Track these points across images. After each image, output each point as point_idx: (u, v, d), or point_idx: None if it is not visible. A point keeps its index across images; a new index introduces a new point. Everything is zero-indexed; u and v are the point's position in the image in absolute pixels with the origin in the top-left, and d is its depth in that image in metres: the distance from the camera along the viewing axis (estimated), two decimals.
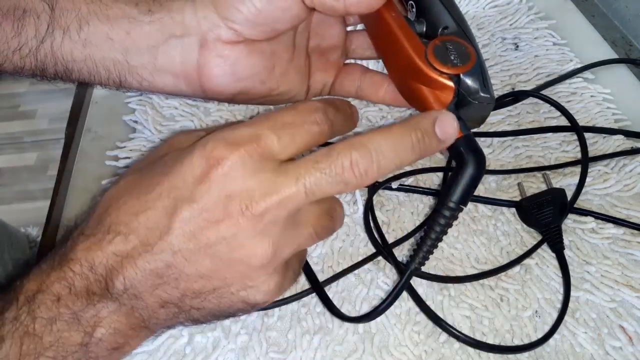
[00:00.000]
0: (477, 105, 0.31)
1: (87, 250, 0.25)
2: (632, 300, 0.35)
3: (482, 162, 0.29)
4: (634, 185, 0.41)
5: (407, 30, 0.33)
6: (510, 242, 0.39)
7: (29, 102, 1.72)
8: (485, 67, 0.32)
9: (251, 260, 0.25)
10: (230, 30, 0.33)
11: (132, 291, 0.25)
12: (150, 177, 0.26)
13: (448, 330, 0.34)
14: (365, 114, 0.47)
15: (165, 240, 0.25)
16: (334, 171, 0.24)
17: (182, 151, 0.27)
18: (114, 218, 0.25)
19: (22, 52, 0.33)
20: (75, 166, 0.46)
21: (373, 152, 0.24)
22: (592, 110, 0.46)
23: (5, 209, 1.47)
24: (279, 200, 0.24)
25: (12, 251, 0.67)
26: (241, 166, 0.24)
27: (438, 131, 0.26)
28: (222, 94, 0.35)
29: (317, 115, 0.26)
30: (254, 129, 0.25)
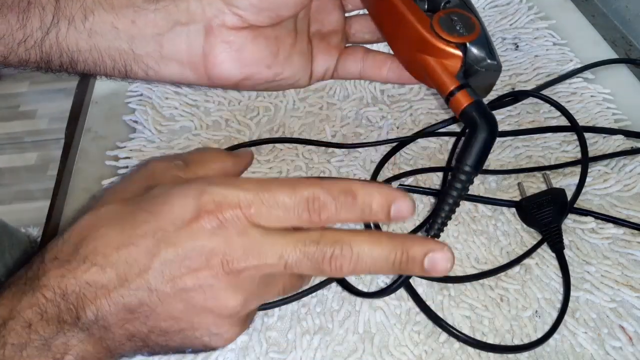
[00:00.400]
0: (484, 73, 0.32)
1: (60, 277, 0.25)
2: (632, 300, 0.35)
3: (494, 126, 0.30)
4: (634, 185, 0.41)
5: (411, 5, 0.33)
6: (510, 242, 0.39)
7: (29, 102, 1.72)
8: (489, 37, 0.32)
9: (222, 311, 0.26)
10: (235, 16, 0.33)
11: (102, 323, 0.25)
12: (136, 212, 0.26)
13: (448, 330, 0.34)
14: (365, 113, 0.47)
15: (143, 278, 0.25)
16: (316, 258, 0.25)
17: (172, 189, 0.26)
18: (92, 248, 0.25)
19: (27, 43, 0.33)
20: (75, 166, 0.46)
21: (354, 254, 0.26)
22: (592, 110, 0.46)
23: (5, 209, 1.47)
24: (258, 265, 0.25)
25: (13, 251, 0.68)
26: (229, 227, 0.25)
27: (427, 263, 0.26)
28: (228, 80, 0.35)
29: (311, 206, 0.26)
30: (249, 196, 0.25)
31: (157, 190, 0.27)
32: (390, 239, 0.26)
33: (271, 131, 0.47)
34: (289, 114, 0.48)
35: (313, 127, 0.47)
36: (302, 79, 0.38)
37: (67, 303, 0.25)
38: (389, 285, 0.34)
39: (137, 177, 0.30)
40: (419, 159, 0.44)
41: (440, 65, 0.32)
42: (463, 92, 0.31)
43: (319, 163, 0.44)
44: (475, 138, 0.30)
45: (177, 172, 0.30)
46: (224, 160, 0.33)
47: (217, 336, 0.28)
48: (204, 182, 0.26)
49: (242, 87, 0.37)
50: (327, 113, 0.48)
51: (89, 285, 0.25)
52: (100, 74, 0.35)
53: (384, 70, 0.39)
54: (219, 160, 0.32)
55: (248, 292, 0.26)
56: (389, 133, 0.46)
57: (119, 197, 0.28)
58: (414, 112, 0.47)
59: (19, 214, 1.44)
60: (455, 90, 0.31)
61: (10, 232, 0.71)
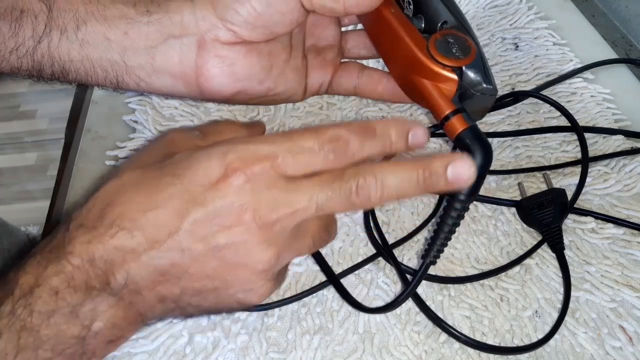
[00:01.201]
0: (480, 97, 0.31)
1: (87, 243, 0.25)
2: (632, 300, 0.35)
3: (489, 152, 0.30)
4: (634, 185, 0.41)
5: (407, 26, 0.33)
6: (510, 242, 0.39)
7: (29, 102, 1.72)
8: (486, 60, 0.32)
9: (256, 266, 0.26)
10: (229, 32, 0.33)
11: (132, 287, 0.25)
12: (160, 176, 0.26)
13: (448, 331, 0.34)
14: (365, 114, 0.47)
15: (173, 239, 0.25)
16: (344, 192, 0.26)
17: (194, 153, 0.27)
18: (118, 213, 0.25)
19: (19, 52, 0.33)
20: (75, 166, 0.46)
21: (378, 181, 0.26)
22: (592, 110, 0.46)
23: (5, 209, 1.47)
24: (290, 212, 0.25)
25: (13, 249, 0.68)
26: (257, 181, 0.25)
27: (450, 173, 0.26)
28: (220, 94, 0.35)
29: (336, 145, 0.26)
30: (274, 147, 0.26)
31: (180, 156, 0.27)
32: (410, 160, 0.27)
33: (271, 131, 0.47)
34: (289, 114, 0.48)
35: None
36: (296, 94, 0.38)
37: (95, 269, 0.25)
38: (393, 301, 0.34)
39: (157, 145, 0.30)
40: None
41: (436, 88, 0.32)
42: (458, 116, 0.31)
43: None
44: None
45: (195, 140, 0.30)
46: (239, 130, 0.33)
47: (252, 292, 0.28)
48: (227, 143, 0.26)
49: (234, 102, 0.37)
50: (327, 113, 0.48)
51: (117, 250, 0.25)
52: (91, 84, 0.35)
53: (379, 87, 0.39)
54: (234, 130, 0.32)
55: (281, 244, 0.26)
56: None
57: (139, 164, 0.28)
58: (414, 112, 0.47)
59: (19, 214, 1.44)
60: (450, 114, 0.31)
61: (9, 230, 0.71)
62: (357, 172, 0.26)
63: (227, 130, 0.32)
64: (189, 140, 0.30)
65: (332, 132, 0.26)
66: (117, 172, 0.28)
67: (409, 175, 0.26)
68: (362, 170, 0.26)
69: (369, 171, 0.26)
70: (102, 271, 0.25)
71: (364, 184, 0.26)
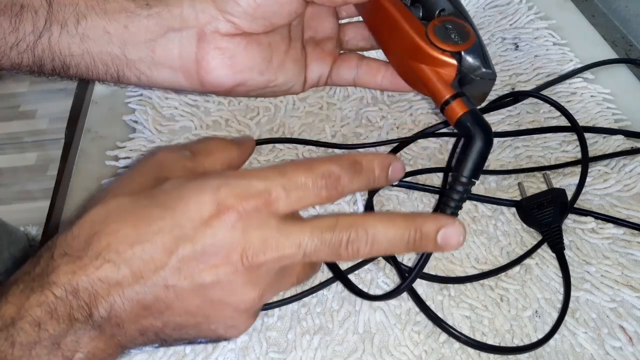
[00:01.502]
0: (479, 82, 0.32)
1: (71, 273, 0.24)
2: (632, 300, 0.35)
3: (490, 135, 0.30)
4: (634, 185, 0.41)
5: (406, 13, 0.33)
6: (510, 242, 0.39)
7: (29, 102, 1.72)
8: (484, 45, 0.32)
9: (239, 305, 0.26)
10: (229, 23, 0.33)
11: (115, 320, 0.25)
12: (150, 207, 0.26)
13: (448, 331, 0.34)
14: (365, 113, 0.47)
15: (159, 274, 0.25)
16: (334, 244, 0.26)
17: (186, 184, 0.26)
18: (104, 244, 0.25)
19: (19, 47, 0.33)
20: (75, 166, 0.46)
21: (369, 237, 0.26)
22: (592, 110, 0.46)
23: (5, 209, 1.47)
24: (278, 257, 0.25)
25: (12, 249, 0.68)
26: (248, 219, 0.25)
27: (440, 238, 0.27)
28: (221, 86, 0.35)
29: (328, 181, 0.26)
30: (266, 184, 0.26)
31: (170, 185, 0.27)
32: (403, 218, 0.27)
33: (271, 131, 0.47)
34: (289, 114, 0.48)
35: (313, 127, 0.47)
36: (296, 85, 0.38)
37: (79, 300, 0.24)
38: (397, 286, 0.34)
39: (145, 168, 0.29)
40: (419, 159, 0.44)
41: (435, 73, 0.32)
42: (458, 100, 0.31)
43: None
44: (471, 148, 0.30)
45: (185, 162, 0.30)
46: (230, 149, 0.33)
47: (233, 328, 0.28)
48: (220, 177, 0.26)
49: (235, 94, 0.37)
50: (327, 113, 0.48)
51: (102, 282, 0.24)
52: (92, 79, 0.35)
53: (378, 77, 0.39)
54: (225, 150, 0.32)
55: (265, 285, 0.26)
56: (389, 133, 0.46)
57: (128, 190, 0.27)
58: (414, 112, 0.47)
59: (19, 214, 1.44)
60: (450, 99, 0.31)
61: (8, 230, 0.72)
62: (350, 225, 0.26)
63: (217, 149, 0.32)
64: (178, 162, 0.29)
65: (325, 168, 0.26)
66: (104, 196, 0.27)
67: (400, 233, 0.26)
68: (355, 223, 0.26)
69: (361, 225, 0.26)
70: (85, 303, 0.24)
71: (355, 239, 0.26)
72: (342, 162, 0.27)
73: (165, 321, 0.26)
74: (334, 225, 0.26)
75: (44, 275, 0.25)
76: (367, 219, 0.26)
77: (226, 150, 0.32)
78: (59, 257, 0.25)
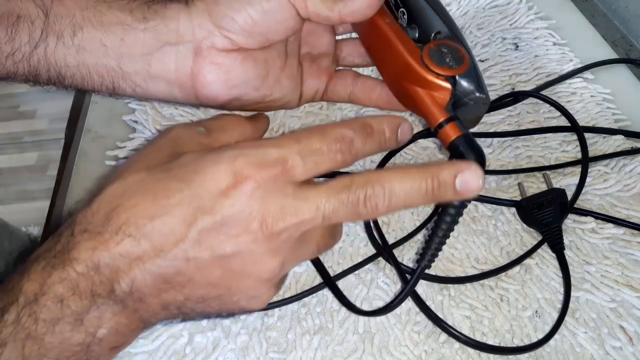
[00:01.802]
0: (473, 106, 0.32)
1: (92, 249, 0.24)
2: (632, 300, 0.35)
3: (483, 159, 0.30)
4: (634, 185, 0.41)
5: (401, 35, 0.33)
6: (510, 242, 0.39)
7: (29, 102, 1.72)
8: (479, 69, 0.33)
9: (261, 275, 0.26)
10: (225, 39, 0.33)
11: (137, 294, 0.25)
12: (167, 180, 0.26)
13: (448, 331, 0.34)
14: (365, 114, 0.47)
15: (179, 247, 0.25)
16: (352, 203, 0.26)
17: (203, 157, 0.26)
18: (124, 219, 0.25)
19: (15, 57, 0.33)
20: (75, 166, 0.46)
21: (386, 192, 0.26)
22: (592, 110, 0.46)
23: (5, 209, 1.47)
24: (297, 222, 0.25)
25: (14, 250, 0.68)
26: (266, 188, 0.25)
27: (459, 182, 0.26)
28: (216, 100, 0.35)
29: (342, 145, 0.26)
30: (283, 151, 0.26)
31: (187, 158, 0.27)
32: (418, 169, 0.26)
33: (271, 131, 0.47)
34: (289, 114, 0.48)
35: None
36: (292, 101, 0.38)
37: (101, 276, 0.24)
38: (388, 304, 0.34)
39: (161, 143, 0.29)
40: (419, 159, 0.44)
41: (429, 96, 0.32)
42: (452, 124, 0.31)
43: None
44: None
45: (200, 138, 0.30)
46: (244, 125, 0.32)
47: (255, 299, 0.28)
48: (235, 148, 0.26)
49: (229, 108, 0.37)
50: (327, 113, 0.48)
51: (123, 257, 0.24)
52: (88, 89, 0.35)
53: (374, 95, 0.39)
54: (239, 126, 0.32)
55: (286, 253, 0.26)
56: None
57: (145, 165, 0.27)
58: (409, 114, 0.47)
59: (19, 214, 1.44)
60: (444, 122, 0.32)
61: (10, 231, 0.72)
62: (366, 181, 0.26)
63: (232, 125, 0.32)
64: (194, 138, 0.29)
65: (338, 132, 0.27)
66: (122, 172, 0.27)
67: (417, 184, 0.26)
68: (370, 179, 0.26)
69: (376, 180, 0.26)
70: (107, 278, 0.25)
71: (372, 194, 0.26)
72: (353, 125, 0.27)
73: (187, 294, 0.26)
74: (350, 184, 0.26)
75: (65, 252, 0.25)
76: (382, 174, 0.26)
77: (240, 127, 0.32)
78: (79, 233, 0.25)
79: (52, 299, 0.24)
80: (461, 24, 0.55)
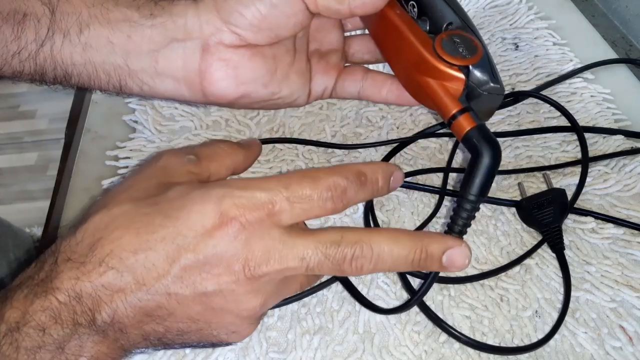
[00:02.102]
0: (487, 96, 0.31)
1: (75, 279, 0.24)
2: (632, 300, 0.35)
3: (498, 151, 0.30)
4: (634, 185, 0.41)
5: (413, 26, 0.33)
6: (510, 242, 0.39)
7: (29, 102, 1.72)
8: (492, 60, 0.32)
9: (241, 313, 0.27)
10: (233, 35, 0.33)
11: (118, 325, 0.25)
12: (153, 215, 0.26)
13: (448, 331, 0.34)
14: (365, 113, 0.47)
15: (161, 282, 0.25)
16: (337, 260, 0.26)
17: (190, 193, 0.26)
18: (108, 250, 0.25)
19: (21, 55, 0.33)
20: (75, 166, 0.46)
21: (374, 255, 0.26)
22: (592, 110, 0.46)
23: (5, 209, 1.47)
24: (280, 269, 0.25)
25: (17, 251, 0.68)
26: (251, 230, 0.25)
27: (445, 260, 0.27)
28: (224, 97, 0.35)
29: (334, 193, 0.26)
30: (270, 195, 0.26)
31: (174, 193, 0.27)
32: (410, 237, 0.27)
33: (271, 131, 0.47)
34: (289, 114, 0.48)
35: (313, 127, 0.47)
36: (300, 98, 0.38)
37: (82, 306, 0.24)
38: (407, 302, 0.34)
39: (150, 172, 0.29)
40: (419, 159, 0.44)
41: (443, 87, 0.32)
42: (466, 115, 0.31)
43: (319, 163, 0.44)
44: (478, 165, 0.29)
45: (190, 167, 0.30)
46: (235, 153, 0.32)
47: (235, 334, 0.28)
48: (223, 186, 0.26)
49: (238, 105, 0.37)
50: (327, 113, 0.48)
51: (105, 288, 0.25)
52: (94, 88, 0.35)
53: (384, 91, 0.39)
54: (230, 154, 0.32)
55: (267, 293, 0.27)
56: (389, 133, 0.46)
57: (131, 196, 0.27)
58: (414, 112, 0.47)
59: (19, 214, 1.43)
60: (457, 113, 0.31)
61: (14, 232, 0.72)
62: (355, 241, 0.26)
63: (223, 153, 0.32)
64: (183, 167, 0.29)
65: (331, 180, 0.26)
66: (107, 202, 0.27)
67: (406, 253, 0.26)
68: (361, 239, 0.26)
69: (366, 241, 0.26)
70: (89, 308, 0.25)
71: (360, 255, 0.26)
72: (347, 173, 0.27)
73: (168, 327, 0.26)
74: (339, 241, 0.26)
75: (48, 281, 0.25)
76: (373, 235, 0.26)
77: (232, 155, 0.32)
78: (62, 262, 0.25)
79: (34, 327, 0.24)
80: None
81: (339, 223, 0.40)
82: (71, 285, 0.24)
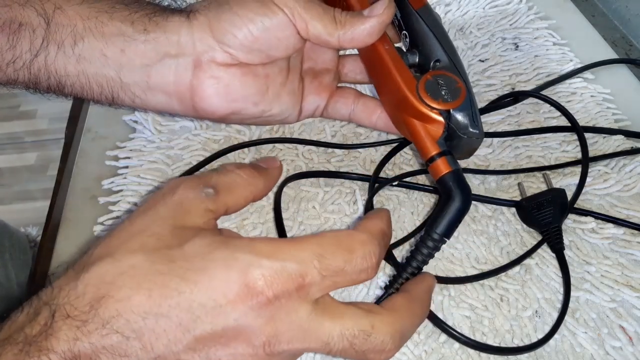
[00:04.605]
0: (466, 140, 0.32)
1: (73, 339, 0.22)
2: (632, 300, 0.35)
3: (469, 198, 0.31)
4: (634, 185, 0.41)
5: (399, 64, 0.33)
6: (510, 242, 0.39)
7: (29, 102, 1.73)
8: (475, 103, 0.32)
9: None
10: (226, 54, 0.33)
11: None
12: (168, 275, 0.23)
13: (448, 331, 0.34)
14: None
15: (171, 350, 0.23)
16: (364, 351, 0.25)
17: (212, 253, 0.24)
18: (113, 311, 0.22)
19: (15, 65, 0.33)
20: (75, 166, 0.46)
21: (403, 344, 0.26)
22: (592, 110, 0.46)
23: (5, 209, 1.47)
24: (302, 348, 0.24)
25: (13, 251, 0.68)
26: (278, 306, 0.23)
27: None
28: (214, 114, 0.35)
29: (369, 264, 0.26)
30: (302, 267, 0.24)
31: (192, 248, 0.24)
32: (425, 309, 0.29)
33: (271, 131, 0.47)
34: None
35: (313, 127, 0.47)
36: (291, 116, 0.38)
37: None
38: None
39: (164, 211, 0.27)
40: (419, 159, 0.44)
41: (423, 128, 0.32)
42: (443, 159, 0.31)
43: (319, 163, 0.44)
44: (448, 207, 0.31)
45: (208, 204, 0.28)
46: (255, 183, 0.31)
47: None
48: (250, 251, 0.24)
49: (229, 121, 0.37)
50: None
51: (106, 351, 0.22)
52: (87, 98, 0.35)
53: (374, 117, 0.39)
54: (250, 184, 0.30)
55: None
56: (389, 133, 0.46)
57: (143, 244, 0.25)
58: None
59: (19, 214, 1.44)
60: (435, 156, 0.32)
61: (10, 232, 0.72)
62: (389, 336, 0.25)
63: (242, 183, 0.30)
64: (200, 204, 0.27)
65: (367, 250, 0.25)
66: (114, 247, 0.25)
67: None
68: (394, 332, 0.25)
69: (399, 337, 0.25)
70: None
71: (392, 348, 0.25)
72: (375, 236, 0.26)
73: None
74: (370, 332, 0.25)
75: (42, 339, 0.22)
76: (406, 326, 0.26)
77: (251, 185, 0.30)
78: (60, 318, 0.23)
79: None
80: (461, 24, 0.55)
81: (339, 223, 0.40)
82: (68, 347, 0.22)
